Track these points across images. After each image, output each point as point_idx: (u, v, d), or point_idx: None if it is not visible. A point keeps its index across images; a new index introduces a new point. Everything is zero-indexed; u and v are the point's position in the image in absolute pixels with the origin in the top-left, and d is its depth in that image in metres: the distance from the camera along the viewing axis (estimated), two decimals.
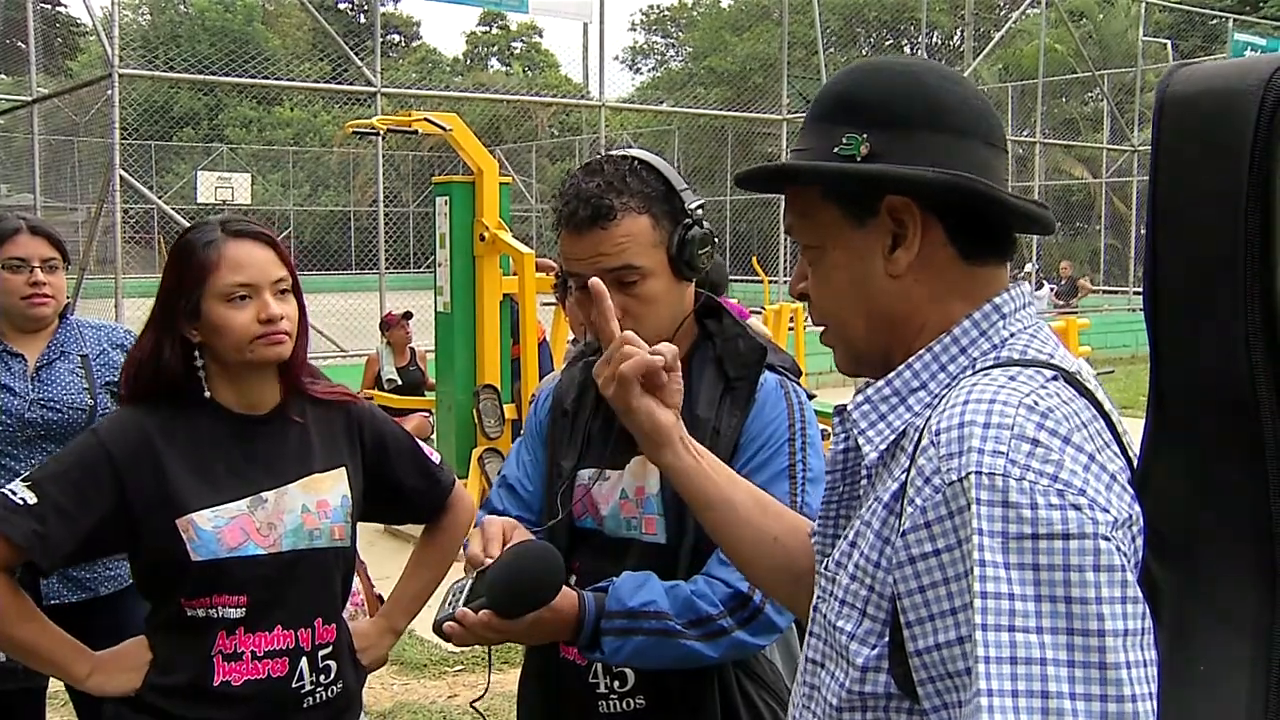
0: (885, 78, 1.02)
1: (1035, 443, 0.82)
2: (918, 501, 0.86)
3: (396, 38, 37.38)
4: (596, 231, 1.54)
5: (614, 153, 1.63)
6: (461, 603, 1.40)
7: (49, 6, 26.12)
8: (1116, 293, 19.92)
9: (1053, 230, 1.03)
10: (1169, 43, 20.48)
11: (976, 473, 0.82)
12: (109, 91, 9.39)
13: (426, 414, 7.63)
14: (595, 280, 1.33)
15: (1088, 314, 13.74)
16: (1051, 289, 16.81)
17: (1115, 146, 19.74)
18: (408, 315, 8.33)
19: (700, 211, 1.60)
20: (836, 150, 1.00)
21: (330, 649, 1.78)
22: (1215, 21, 23.61)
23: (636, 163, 1.59)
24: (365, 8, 34.22)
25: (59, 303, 2.60)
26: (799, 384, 1.66)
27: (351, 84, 11.99)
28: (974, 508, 0.81)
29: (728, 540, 1.27)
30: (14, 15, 13.87)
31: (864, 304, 1.02)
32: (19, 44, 14.69)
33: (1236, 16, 21.59)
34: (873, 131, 0.99)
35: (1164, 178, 0.85)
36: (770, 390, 1.61)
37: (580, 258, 1.56)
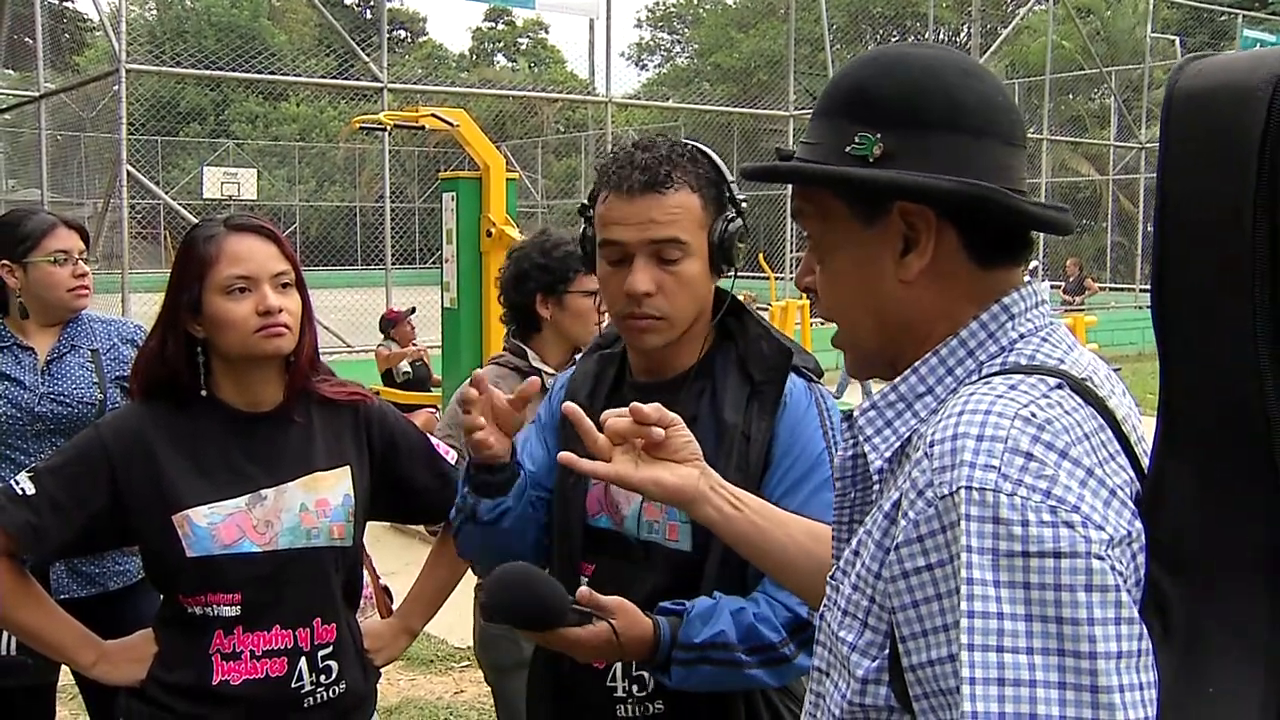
0: (903, 72, 0.96)
1: (1029, 456, 0.79)
2: (910, 514, 0.83)
3: (402, 33, 37.36)
4: (652, 196, 1.50)
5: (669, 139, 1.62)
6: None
7: (56, 2, 26.13)
8: (1123, 290, 19.87)
9: (1070, 231, 1.00)
10: (1177, 39, 20.40)
11: (967, 488, 0.79)
12: (115, 87, 9.42)
13: (433, 410, 7.64)
14: (569, 405, 1.35)
15: (1095, 311, 13.72)
16: (1055, 286, 16.80)
17: (1122, 143, 19.67)
18: (411, 310, 8.30)
19: (745, 205, 1.58)
20: (849, 150, 0.95)
21: (331, 649, 1.77)
22: (1224, 18, 23.54)
23: (692, 146, 1.58)
24: (371, 3, 34.29)
25: (91, 294, 2.64)
26: (822, 385, 1.63)
27: (358, 79, 11.98)
28: (963, 524, 0.78)
29: (790, 578, 1.25)
30: (22, 11, 13.88)
31: (873, 308, 0.99)
32: (26, 40, 14.70)
33: (1245, 13, 21.50)
34: (887, 131, 0.94)
35: (1171, 177, 0.80)
36: (799, 396, 1.57)
37: (628, 223, 1.51)
